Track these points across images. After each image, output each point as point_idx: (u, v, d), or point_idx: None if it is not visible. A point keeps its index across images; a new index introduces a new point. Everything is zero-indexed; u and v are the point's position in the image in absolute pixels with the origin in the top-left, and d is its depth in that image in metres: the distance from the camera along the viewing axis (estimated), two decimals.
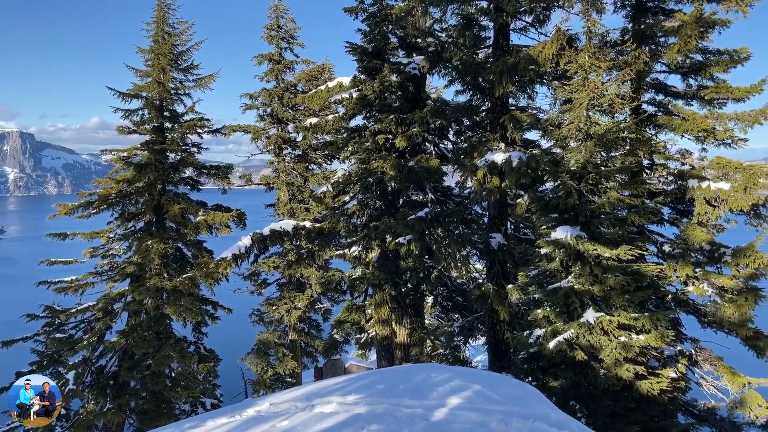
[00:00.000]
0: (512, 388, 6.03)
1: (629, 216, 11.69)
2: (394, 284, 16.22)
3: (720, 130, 12.92)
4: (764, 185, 12.23)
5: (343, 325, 17.74)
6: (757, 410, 12.78)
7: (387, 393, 5.84)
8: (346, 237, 16.89)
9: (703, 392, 13.89)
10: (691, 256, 13.02)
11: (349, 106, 15.96)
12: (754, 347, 12.70)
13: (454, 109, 15.02)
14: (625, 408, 11.16)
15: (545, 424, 4.73)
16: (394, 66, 15.49)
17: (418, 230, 14.59)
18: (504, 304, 14.44)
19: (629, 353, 10.67)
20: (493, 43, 14.64)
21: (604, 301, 11.14)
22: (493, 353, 15.64)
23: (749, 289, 12.30)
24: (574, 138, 11.58)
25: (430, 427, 4.83)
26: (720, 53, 12.97)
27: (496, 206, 15.19)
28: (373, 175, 15.55)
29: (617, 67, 12.02)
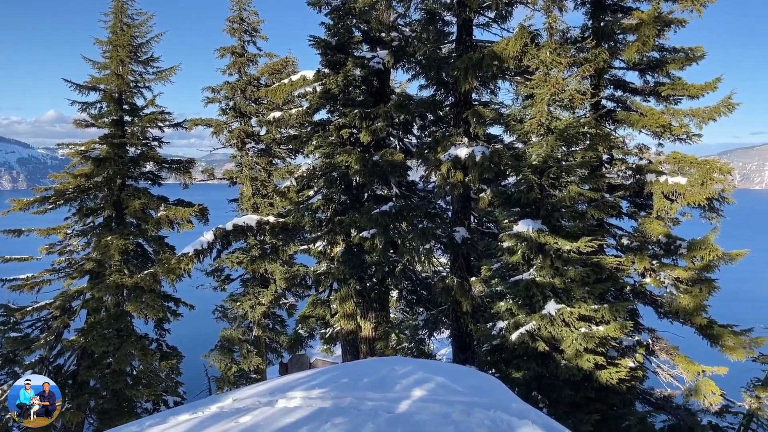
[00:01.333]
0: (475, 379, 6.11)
1: (589, 209, 11.90)
2: (359, 279, 16.23)
3: (676, 125, 13.27)
4: (718, 179, 12.62)
5: (308, 320, 17.68)
6: (710, 397, 13.22)
7: (351, 386, 5.86)
8: (311, 232, 16.81)
9: (659, 381, 14.30)
10: (648, 248, 13.36)
11: (312, 99, 15.86)
12: (707, 336, 13.13)
13: (418, 103, 15.08)
14: (585, 397, 11.41)
15: (506, 414, 4.81)
16: (358, 60, 15.45)
17: (383, 224, 14.62)
18: (467, 297, 14.59)
19: (589, 344, 10.91)
20: (457, 39, 14.73)
21: (565, 293, 11.35)
22: (457, 346, 15.81)
23: (703, 281, 12.70)
24: (535, 133, 11.75)
25: (393, 419, 4.87)
26: (676, 51, 13.30)
27: (459, 200, 15.32)
28: (337, 169, 15.51)
29: (578, 63, 12.22)
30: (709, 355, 13.81)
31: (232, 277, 24.14)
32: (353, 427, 4.78)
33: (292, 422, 5.13)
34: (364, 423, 4.80)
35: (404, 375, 6.06)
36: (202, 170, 24.83)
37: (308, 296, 20.95)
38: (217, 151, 25.16)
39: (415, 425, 4.74)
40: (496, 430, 4.60)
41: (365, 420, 4.87)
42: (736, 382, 16.32)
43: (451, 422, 4.78)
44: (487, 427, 4.64)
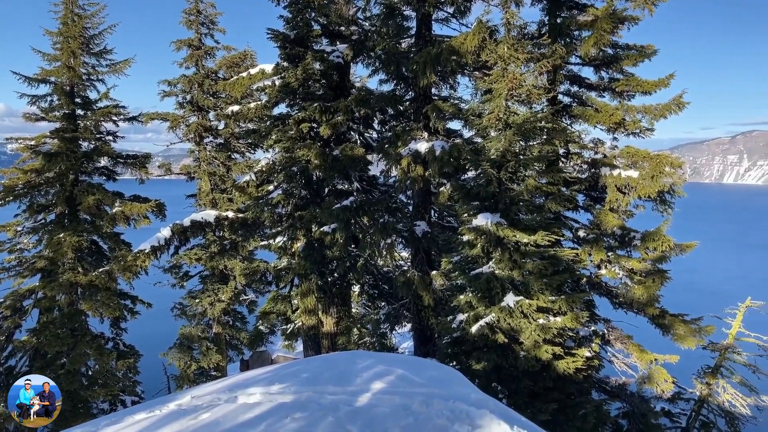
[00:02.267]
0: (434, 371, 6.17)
1: (546, 203, 12.11)
2: (321, 274, 16.17)
3: (629, 121, 13.63)
4: (669, 173, 13.02)
5: (269, 316, 17.55)
6: (663, 385, 13.67)
7: (311, 381, 5.84)
8: (271, 227, 16.65)
9: (614, 369, 14.70)
10: (603, 240, 13.71)
11: (271, 93, 15.68)
12: (660, 326, 13.56)
13: (379, 98, 15.08)
14: (543, 387, 11.64)
15: (465, 404, 4.87)
16: (317, 54, 15.34)
17: (344, 219, 14.59)
18: (428, 291, 14.70)
19: (547, 335, 11.13)
20: (416, 33, 14.77)
21: (524, 285, 11.53)
22: (419, 339, 15.92)
23: (656, 271, 13.10)
24: (494, 127, 11.88)
25: (353, 412, 4.88)
26: (629, 48, 13.67)
27: (420, 195, 15.41)
28: (297, 163, 15.39)
29: (535, 59, 12.40)
30: (661, 343, 14.25)
31: (191, 273, 23.75)
32: (313, 421, 4.77)
33: (252, 418, 5.09)
34: (324, 417, 4.80)
35: (364, 368, 6.07)
36: (159, 165, 24.30)
37: (269, 292, 20.76)
38: (175, 146, 24.66)
39: (375, 417, 4.77)
40: (455, 420, 4.66)
41: (325, 414, 4.87)
42: (688, 370, 16.92)
43: (411, 413, 4.82)
44: (446, 417, 4.70)
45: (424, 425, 4.60)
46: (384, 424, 4.63)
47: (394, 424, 4.59)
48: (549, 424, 11.20)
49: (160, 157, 27.56)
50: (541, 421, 10.99)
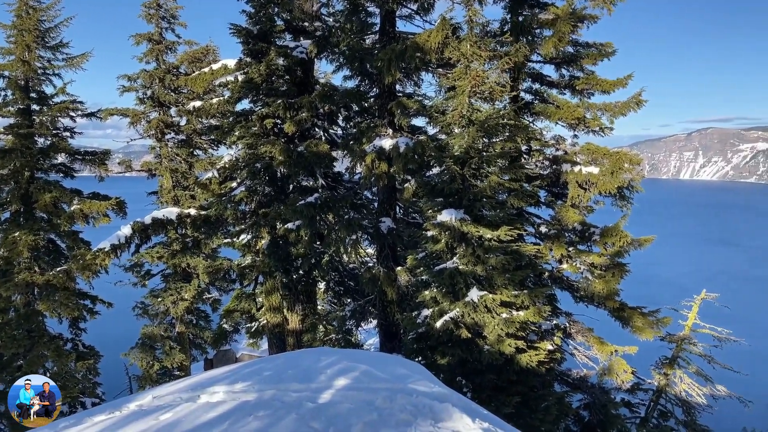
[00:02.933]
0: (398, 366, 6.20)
1: (509, 199, 12.27)
2: (285, 271, 16.06)
3: (590, 118, 13.89)
4: (628, 169, 13.32)
5: (233, 315, 17.36)
6: (622, 376, 14.02)
7: (275, 379, 5.81)
8: (234, 224, 16.46)
9: (576, 362, 15.00)
10: (565, 236, 13.96)
11: (234, 89, 15.48)
12: (619, 318, 13.88)
13: (343, 94, 15.04)
14: (507, 381, 11.82)
15: (427, 399, 4.92)
16: (280, 49, 15.19)
17: (308, 216, 14.52)
18: (394, 287, 14.76)
19: (510, 329, 11.29)
20: (380, 30, 14.77)
21: (487, 280, 11.67)
22: (384, 335, 15.98)
23: (615, 265, 13.40)
24: (457, 124, 11.97)
25: (317, 409, 4.87)
26: (589, 46, 13.92)
27: (385, 191, 15.44)
28: (261, 160, 15.24)
29: (497, 56, 12.52)
30: (621, 336, 14.60)
31: (153, 272, 23.34)
32: (276, 419, 4.75)
33: (215, 417, 5.04)
34: (287, 414, 4.78)
35: (328, 365, 6.07)
36: (119, 162, 23.76)
37: (233, 290, 20.56)
38: (135, 142, 24.15)
39: (339, 414, 4.77)
40: (418, 414, 4.70)
41: (288, 411, 4.86)
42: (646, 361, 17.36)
43: (375, 409, 4.84)
44: (409, 412, 4.73)
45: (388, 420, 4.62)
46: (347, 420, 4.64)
47: (357, 420, 4.60)
48: (513, 417, 11.38)
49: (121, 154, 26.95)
50: (505, 414, 11.15)
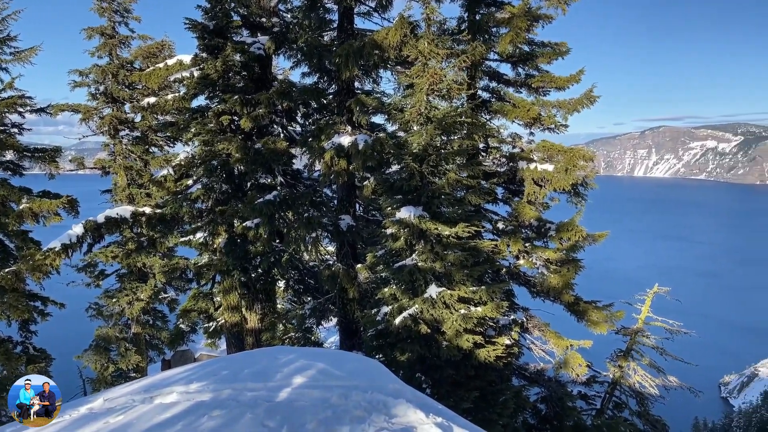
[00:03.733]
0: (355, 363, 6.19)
1: (467, 196, 12.39)
2: (244, 270, 15.87)
3: (545, 116, 14.15)
4: (582, 166, 13.61)
5: (190, 315, 17.07)
6: (578, 369, 14.33)
7: (231, 378, 5.74)
8: (191, 223, 16.18)
9: (533, 356, 15.27)
10: (521, 232, 14.19)
11: (190, 85, 15.21)
12: (575, 312, 14.19)
13: (301, 91, 14.93)
14: (465, 376, 11.94)
15: (382, 395, 4.93)
16: (237, 45, 14.99)
17: (267, 214, 14.38)
18: (354, 284, 14.74)
19: (468, 324, 11.40)
20: (338, 27, 14.71)
21: (446, 276, 11.76)
22: (344, 333, 15.95)
23: (570, 261, 13.69)
24: (415, 122, 12.02)
25: (273, 408, 4.83)
26: (544, 45, 14.17)
27: (344, 188, 15.40)
28: (217, 157, 15.02)
29: (455, 54, 12.62)
30: (576, 330, 14.93)
31: (107, 272, 22.75)
32: (231, 418, 4.69)
33: (169, 418, 4.95)
34: (243, 414, 4.73)
35: (286, 363, 6.02)
36: (71, 159, 23.03)
37: (190, 290, 20.21)
38: (88, 139, 23.47)
39: (294, 412, 4.74)
40: (373, 410, 4.70)
41: (244, 411, 4.80)
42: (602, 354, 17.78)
43: (330, 406, 4.83)
44: (363, 408, 4.73)
45: (342, 417, 4.62)
46: (302, 418, 4.61)
47: (312, 418, 4.58)
48: (471, 412, 11.51)
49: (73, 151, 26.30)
50: (464, 408, 11.27)
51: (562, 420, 14.73)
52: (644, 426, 16.97)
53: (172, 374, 6.87)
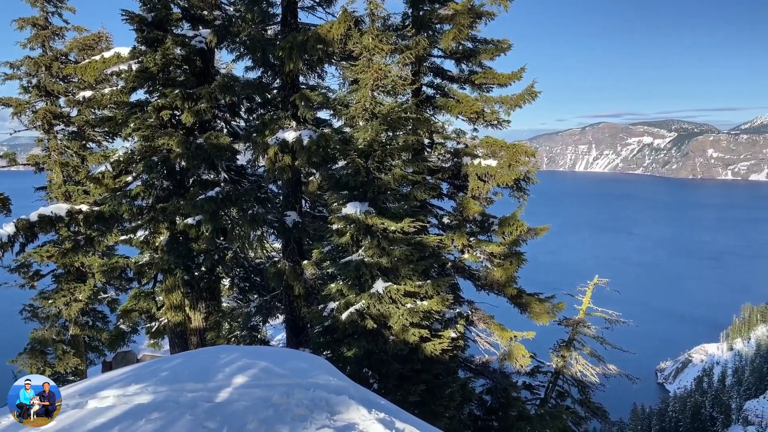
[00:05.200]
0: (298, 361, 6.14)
1: (412, 191, 12.45)
2: (187, 268, 15.51)
3: (488, 112, 14.38)
4: (524, 162, 13.89)
5: (131, 315, 16.56)
6: (521, 360, 14.65)
7: (171, 379, 5.59)
8: (131, 221, 15.69)
9: (478, 348, 15.53)
10: (466, 226, 14.38)
11: (128, 79, 14.70)
12: (518, 305, 14.49)
13: (244, 85, 14.66)
14: (412, 370, 12.03)
15: (324, 392, 4.91)
16: (178, 38, 14.58)
17: (210, 210, 14.07)
18: (300, 281, 14.62)
19: (415, 318, 11.48)
20: (282, 20, 14.53)
21: (392, 271, 11.80)
22: (291, 330, 15.82)
23: (513, 254, 13.97)
24: (361, 117, 12.00)
25: (212, 409, 4.74)
26: (487, 42, 14.37)
27: (289, 184, 15.24)
28: (158, 153, 14.59)
29: (399, 50, 12.66)
30: (521, 322, 15.26)
31: (43, 272, 21.87)
32: (169, 421, 4.58)
33: (103, 423, 4.79)
34: (182, 415, 4.62)
35: (227, 363, 5.92)
36: (2, 155, 22.06)
37: (131, 289, 19.65)
38: (21, 134, 22.48)
39: (235, 412, 4.67)
40: (314, 408, 4.68)
41: (183, 412, 4.69)
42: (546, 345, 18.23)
43: (271, 405, 4.77)
44: (305, 406, 4.70)
45: (283, 416, 4.57)
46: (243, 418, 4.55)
47: (253, 418, 4.52)
48: (418, 405, 11.61)
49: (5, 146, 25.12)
50: (411, 402, 11.37)
51: (507, 410, 15.04)
52: (585, 413, 17.47)
53: (109, 377, 6.65)
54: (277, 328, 21.44)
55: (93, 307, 22.46)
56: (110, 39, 22.85)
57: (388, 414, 4.60)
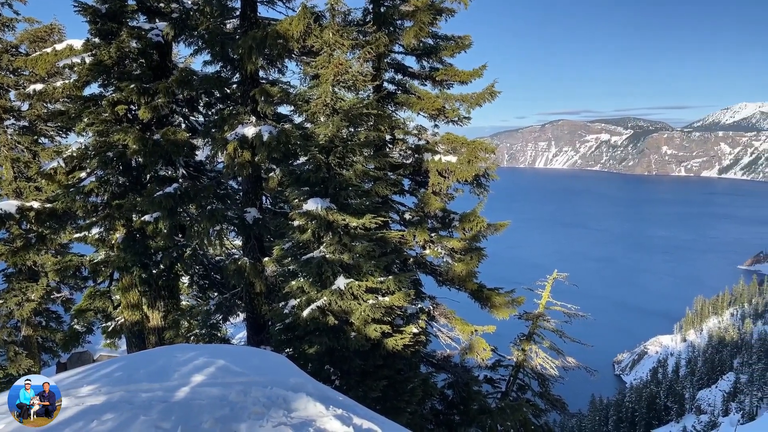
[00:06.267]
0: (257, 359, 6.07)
1: (374, 187, 12.44)
2: (144, 266, 15.19)
3: (449, 109, 14.45)
4: (484, 158, 14.03)
5: (86, 314, 16.15)
6: (482, 353, 14.81)
7: (125, 380, 5.46)
8: (85, 218, 15.28)
9: (440, 343, 15.63)
10: (427, 222, 14.45)
11: (81, 72, 14.29)
12: (478, 299, 14.64)
13: (203, 80, 14.41)
14: (374, 365, 12.03)
15: (282, 389, 4.86)
16: (133, 31, 14.24)
17: (168, 207, 13.80)
18: (261, 278, 14.48)
19: (377, 314, 11.48)
20: (241, 15, 14.31)
21: (354, 267, 11.77)
22: (252, 328, 15.65)
23: (473, 249, 14.10)
24: (322, 113, 11.92)
25: (168, 409, 4.64)
26: (448, 39, 14.43)
27: (249, 181, 15.06)
28: (113, 148, 14.22)
29: (360, 46, 12.61)
30: (480, 315, 15.42)
31: None
32: (123, 422, 4.46)
33: (53, 425, 4.65)
34: (136, 416, 4.51)
35: (185, 362, 5.81)
36: None
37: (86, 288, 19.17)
38: None
39: (191, 412, 4.58)
40: (272, 406, 4.63)
41: (137, 413, 4.58)
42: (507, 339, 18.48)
43: (228, 404, 4.70)
44: (262, 404, 4.65)
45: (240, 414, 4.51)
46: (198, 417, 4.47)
47: (209, 417, 4.45)
48: (380, 401, 11.63)
49: None
50: (373, 398, 11.38)
51: (468, 404, 15.19)
52: (545, 406, 17.77)
53: (61, 378, 6.46)
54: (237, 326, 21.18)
55: (46, 306, 21.85)
56: (63, 31, 22.21)
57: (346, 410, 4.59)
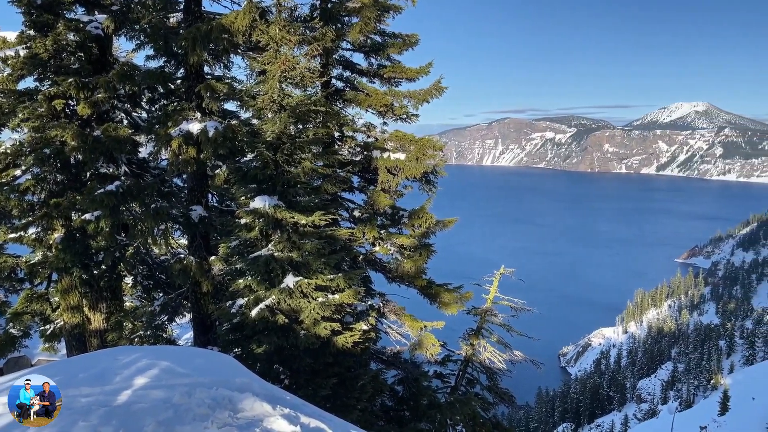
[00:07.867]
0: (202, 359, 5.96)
1: (323, 184, 12.40)
2: (84, 266, 14.68)
3: (397, 106, 14.52)
4: (432, 155, 14.16)
5: (22, 318, 15.50)
6: (431, 349, 14.97)
7: (64, 384, 5.24)
8: (20, 217, 14.66)
9: (390, 340, 15.72)
10: (377, 219, 14.50)
11: (15, 65, 13.68)
12: (428, 295, 14.79)
13: (146, 75, 14.01)
14: (324, 363, 11.99)
15: (227, 389, 4.78)
16: (71, 23, 13.71)
17: (109, 205, 13.37)
18: (207, 277, 14.21)
19: (326, 312, 11.43)
20: (185, 9, 13.97)
21: (303, 265, 11.69)
22: (198, 328, 15.34)
23: (422, 246, 14.23)
24: (269, 109, 11.78)
25: (109, 413, 4.50)
26: (395, 36, 14.49)
27: (194, 178, 14.74)
28: (50, 145, 13.67)
29: (307, 42, 12.51)
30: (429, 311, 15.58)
31: None
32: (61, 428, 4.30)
33: None
34: (75, 423, 4.36)
35: (127, 364, 5.63)
36: None
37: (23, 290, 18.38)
38: None
39: (133, 415, 4.45)
40: (217, 406, 4.55)
41: (76, 419, 4.42)
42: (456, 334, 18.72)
43: (171, 406, 4.59)
44: (207, 405, 4.56)
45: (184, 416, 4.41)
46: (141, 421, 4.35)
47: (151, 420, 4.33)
48: (330, 399, 11.60)
49: None
50: (322, 396, 11.34)
51: (418, 399, 15.32)
52: (494, 399, 18.09)
53: None
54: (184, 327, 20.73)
55: None
56: None
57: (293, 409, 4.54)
